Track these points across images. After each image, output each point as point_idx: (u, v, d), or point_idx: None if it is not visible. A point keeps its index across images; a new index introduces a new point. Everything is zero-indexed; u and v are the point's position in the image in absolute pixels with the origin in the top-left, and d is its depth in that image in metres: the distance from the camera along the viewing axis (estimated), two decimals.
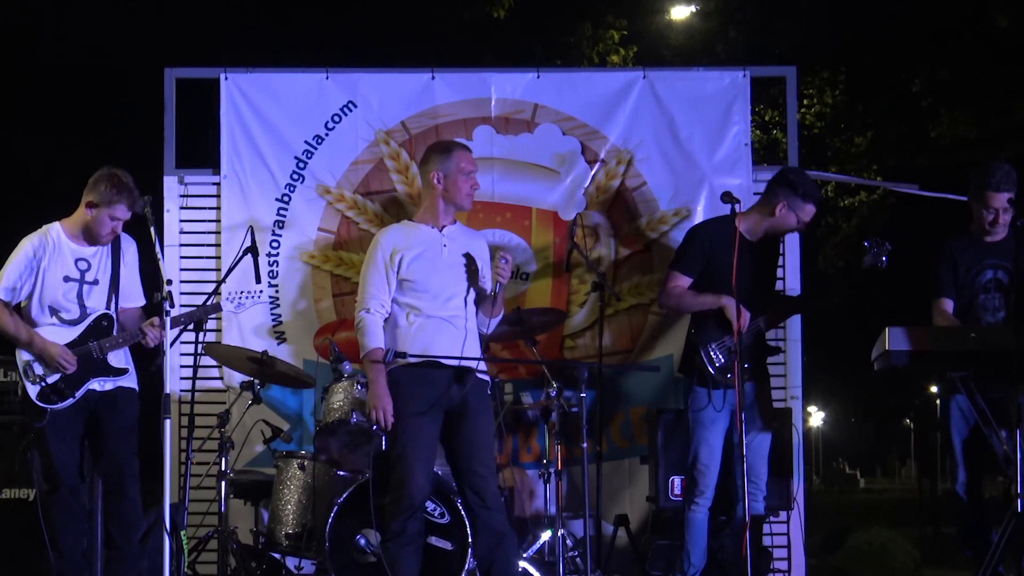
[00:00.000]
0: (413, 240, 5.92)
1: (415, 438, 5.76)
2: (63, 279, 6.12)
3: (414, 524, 5.74)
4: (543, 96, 7.63)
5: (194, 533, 6.78)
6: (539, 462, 7.11)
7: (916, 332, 5.86)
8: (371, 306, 5.86)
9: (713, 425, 6.35)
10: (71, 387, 6.06)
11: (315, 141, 7.58)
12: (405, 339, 5.82)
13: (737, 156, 7.54)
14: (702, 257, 6.46)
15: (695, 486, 6.38)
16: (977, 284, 6.38)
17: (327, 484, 6.49)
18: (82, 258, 6.17)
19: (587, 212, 7.56)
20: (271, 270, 7.49)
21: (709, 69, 8.00)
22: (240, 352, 6.77)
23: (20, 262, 6.12)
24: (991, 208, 6.33)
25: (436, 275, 5.89)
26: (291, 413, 7.42)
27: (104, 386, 6.13)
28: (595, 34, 14.27)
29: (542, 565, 6.64)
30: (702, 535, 6.40)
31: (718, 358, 6.33)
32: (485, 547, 5.83)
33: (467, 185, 6.00)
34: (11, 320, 6.09)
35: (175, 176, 7.57)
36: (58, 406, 6.03)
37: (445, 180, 5.95)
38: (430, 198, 6.02)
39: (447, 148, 6.09)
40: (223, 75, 7.61)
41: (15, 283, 6.11)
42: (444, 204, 5.98)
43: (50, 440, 6.04)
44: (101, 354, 6.09)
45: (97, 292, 6.18)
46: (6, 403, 6.90)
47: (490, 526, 5.82)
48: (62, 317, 6.12)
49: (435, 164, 5.98)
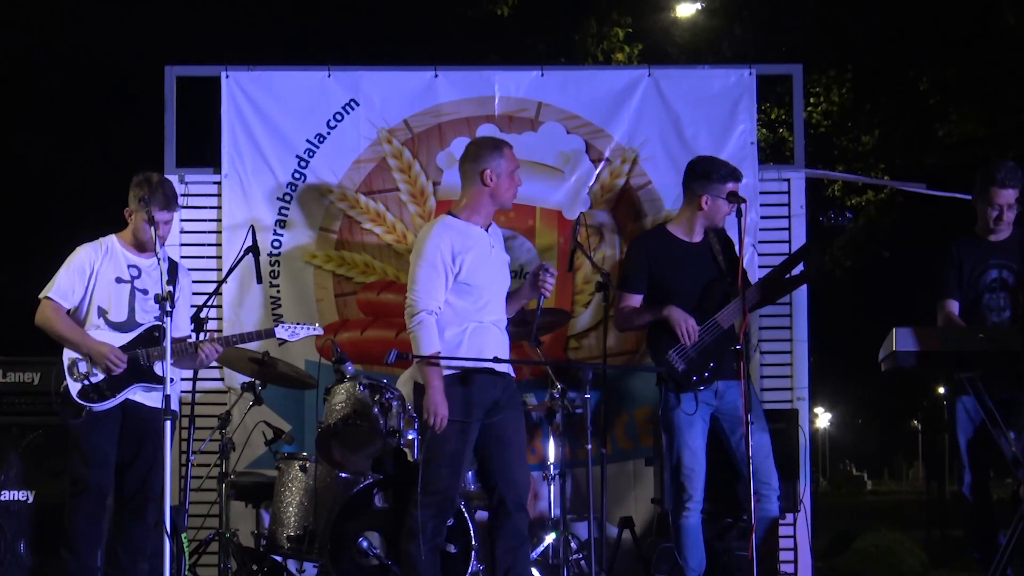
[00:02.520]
0: (469, 241, 5.86)
1: (459, 445, 5.80)
2: (115, 280, 6.22)
3: (439, 528, 5.79)
4: (547, 94, 7.63)
5: (195, 535, 6.79)
6: (543, 464, 7.10)
7: (923, 333, 5.86)
8: (430, 307, 5.77)
9: (690, 428, 6.36)
10: (112, 389, 6.12)
11: (317, 140, 7.58)
12: (456, 344, 5.81)
13: (743, 155, 7.53)
14: (643, 271, 6.54)
15: (682, 492, 6.38)
16: (982, 284, 6.39)
17: (329, 486, 6.49)
18: (134, 265, 6.28)
19: (591, 211, 7.56)
20: (272, 270, 7.49)
21: (715, 67, 7.99)
22: (241, 353, 6.77)
23: (73, 266, 6.24)
24: (995, 204, 6.35)
25: (489, 278, 5.91)
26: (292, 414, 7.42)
27: (146, 400, 6.16)
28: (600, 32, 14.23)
29: (546, 568, 6.65)
30: (697, 539, 6.39)
31: (678, 363, 6.35)
32: (506, 548, 5.83)
33: (515, 185, 6.00)
34: (63, 321, 6.19)
35: (175, 175, 7.54)
36: (97, 406, 6.09)
37: (496, 179, 5.92)
38: (477, 196, 5.94)
39: (498, 145, 6.02)
40: (224, 73, 7.61)
41: (68, 286, 6.21)
42: (491, 203, 5.96)
43: (85, 440, 6.10)
44: (148, 362, 6.15)
45: (147, 302, 6.24)
46: (6, 404, 6.93)
47: (517, 529, 5.85)
48: (109, 319, 6.20)
49: (487, 161, 5.92)
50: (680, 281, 6.44)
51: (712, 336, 6.36)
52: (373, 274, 7.56)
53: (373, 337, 7.46)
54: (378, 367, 6.89)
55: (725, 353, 6.37)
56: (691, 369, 6.33)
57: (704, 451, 6.39)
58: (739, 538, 6.68)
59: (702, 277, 6.45)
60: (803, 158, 7.84)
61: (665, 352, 6.38)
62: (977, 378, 6.00)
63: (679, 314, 6.31)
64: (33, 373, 6.91)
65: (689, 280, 6.42)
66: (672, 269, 6.46)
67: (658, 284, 6.50)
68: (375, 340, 7.41)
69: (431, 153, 7.60)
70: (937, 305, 6.43)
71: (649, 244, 6.63)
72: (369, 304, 7.55)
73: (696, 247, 6.51)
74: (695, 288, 6.41)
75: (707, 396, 6.37)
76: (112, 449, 6.14)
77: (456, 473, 5.80)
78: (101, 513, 6.11)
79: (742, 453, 6.12)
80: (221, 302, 7.35)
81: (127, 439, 6.17)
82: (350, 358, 6.67)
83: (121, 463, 6.18)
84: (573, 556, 6.71)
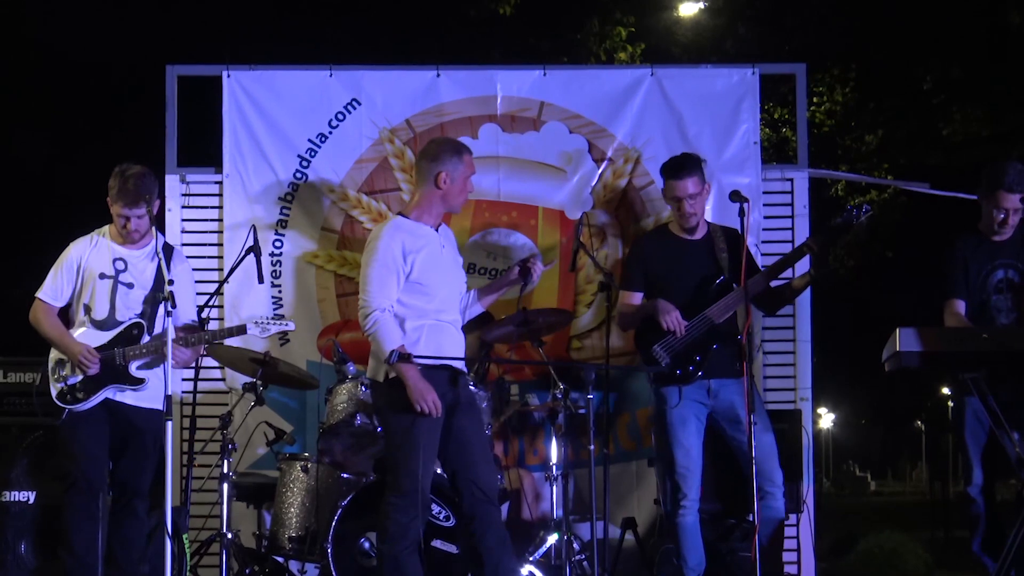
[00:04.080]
0: (420, 241, 5.85)
1: (430, 440, 5.75)
2: (99, 276, 6.20)
3: (418, 527, 5.72)
4: (550, 94, 7.63)
5: (196, 536, 6.79)
6: (545, 464, 7.11)
7: (927, 333, 5.85)
8: (383, 304, 5.74)
9: (683, 427, 6.39)
10: (88, 391, 6.11)
11: (318, 139, 7.59)
12: (413, 342, 5.78)
13: (746, 155, 7.53)
14: (640, 270, 6.63)
15: (677, 491, 6.41)
16: (989, 285, 6.39)
17: (330, 487, 6.49)
18: (120, 258, 6.24)
19: (594, 211, 7.56)
20: (274, 270, 7.50)
21: (718, 66, 7.99)
22: (242, 353, 6.77)
23: (62, 264, 6.24)
24: (1002, 208, 6.34)
25: (441, 277, 5.88)
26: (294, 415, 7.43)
27: (128, 399, 6.15)
28: (602, 31, 14.26)
29: (549, 569, 6.64)
30: (695, 538, 6.40)
31: (663, 357, 6.39)
32: (493, 542, 5.78)
33: (467, 191, 6.01)
34: (48, 321, 6.20)
35: (177, 175, 7.57)
36: (76, 407, 6.10)
37: (450, 183, 5.91)
38: (428, 196, 5.93)
39: (458, 149, 5.99)
40: (225, 72, 7.62)
41: (57, 285, 6.22)
42: (441, 204, 5.95)
43: (70, 440, 6.11)
44: (123, 361, 6.12)
45: (131, 296, 6.21)
46: (7, 404, 6.94)
47: (495, 521, 5.83)
48: (93, 317, 6.19)
49: (444, 164, 5.90)
50: (676, 278, 6.49)
51: (701, 330, 6.38)
52: None
53: None
54: None
55: (716, 350, 6.38)
56: (675, 363, 6.39)
57: (699, 450, 6.41)
58: (742, 539, 6.68)
59: (699, 273, 6.48)
60: (806, 158, 7.84)
61: (650, 345, 6.45)
62: (981, 379, 6.00)
63: (664, 306, 6.38)
64: (34, 374, 6.90)
65: (686, 276, 6.47)
66: (669, 266, 6.53)
67: (655, 282, 6.57)
68: None
69: None
70: (944, 304, 6.43)
71: (646, 243, 6.72)
72: None
73: (695, 244, 6.56)
74: (691, 284, 6.46)
75: (699, 394, 6.40)
76: (101, 447, 6.11)
77: (429, 466, 5.73)
78: (95, 511, 6.08)
79: (743, 452, 6.12)
80: (223, 302, 7.35)
81: (115, 438, 6.15)
82: (352, 358, 6.69)
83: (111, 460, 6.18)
84: (576, 557, 6.70)
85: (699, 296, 6.44)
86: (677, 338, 6.37)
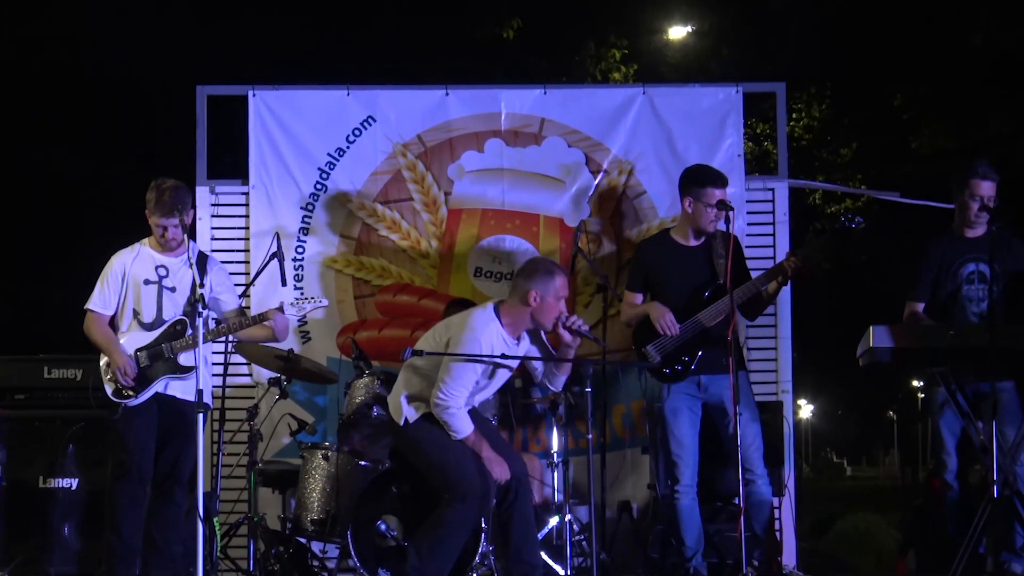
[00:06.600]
0: (499, 349, 5.81)
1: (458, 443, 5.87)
2: (144, 282, 6.24)
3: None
4: (550, 111, 7.64)
5: (226, 519, 6.79)
6: (547, 452, 7.11)
7: (899, 330, 5.86)
8: (460, 404, 5.75)
9: (674, 417, 6.38)
10: (141, 385, 6.16)
11: (337, 153, 7.60)
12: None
13: (731, 166, 7.52)
14: (640, 273, 6.61)
15: (671, 477, 6.42)
16: (961, 275, 6.30)
17: (350, 473, 6.49)
18: (162, 265, 6.29)
19: (591, 219, 7.56)
20: (296, 274, 7.51)
21: (704, 85, 7.99)
22: (268, 350, 6.76)
23: (107, 276, 6.28)
24: (977, 196, 6.24)
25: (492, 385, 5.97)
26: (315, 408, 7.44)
27: (178, 393, 6.19)
28: (598, 53, 14.28)
29: (551, 548, 6.65)
30: (691, 519, 6.38)
31: (655, 356, 6.38)
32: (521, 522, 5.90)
33: (559, 309, 5.87)
34: (98, 330, 6.25)
35: (207, 187, 7.59)
36: (131, 401, 6.15)
37: (540, 301, 5.83)
38: (519, 310, 5.84)
39: (551, 271, 5.89)
40: (251, 92, 7.63)
41: (105, 295, 6.26)
42: (529, 321, 5.88)
43: (124, 432, 6.15)
44: (172, 354, 6.17)
45: (174, 298, 6.26)
46: (51, 398, 6.96)
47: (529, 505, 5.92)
48: (141, 320, 6.24)
49: (536, 283, 5.80)
50: (673, 282, 6.46)
51: (692, 333, 6.37)
52: (389, 277, 7.58)
53: (390, 336, 7.48)
54: (395, 363, 6.88)
55: (706, 349, 6.37)
56: (665, 362, 6.37)
57: (692, 438, 6.38)
58: (728, 520, 6.69)
59: (694, 279, 6.46)
60: (786, 169, 7.83)
61: (644, 345, 6.43)
62: (948, 372, 6.01)
63: (658, 309, 6.36)
64: (76, 370, 6.95)
65: (682, 282, 6.43)
66: (667, 271, 6.49)
67: (654, 285, 6.55)
68: (391, 338, 7.42)
69: (443, 165, 7.62)
70: (906, 303, 6.41)
71: (647, 248, 6.68)
72: (386, 305, 7.57)
73: (692, 250, 6.50)
74: (686, 289, 6.43)
75: (690, 388, 6.38)
76: (151, 438, 6.17)
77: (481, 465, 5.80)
78: (142, 497, 6.13)
79: (730, 440, 6.13)
80: (249, 304, 7.35)
81: (162, 429, 6.19)
82: (368, 355, 6.69)
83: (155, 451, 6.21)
84: (575, 538, 6.71)
85: (693, 300, 6.40)
86: (669, 339, 6.36)
